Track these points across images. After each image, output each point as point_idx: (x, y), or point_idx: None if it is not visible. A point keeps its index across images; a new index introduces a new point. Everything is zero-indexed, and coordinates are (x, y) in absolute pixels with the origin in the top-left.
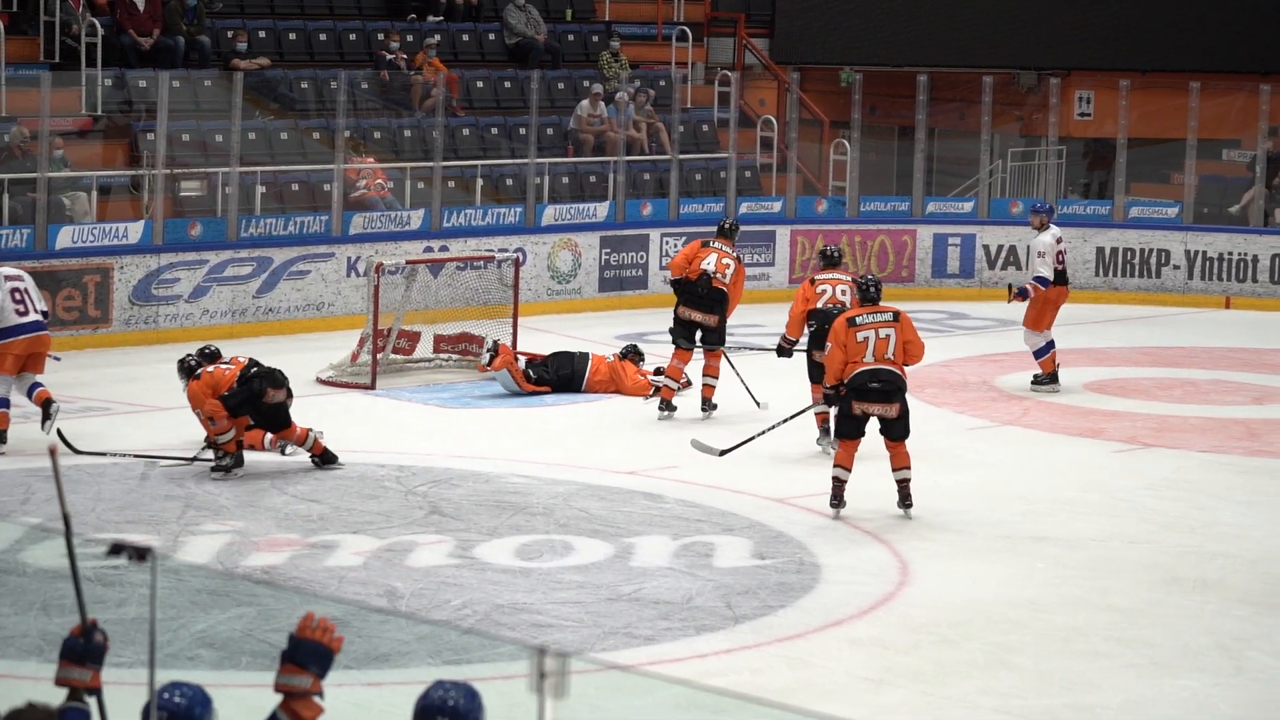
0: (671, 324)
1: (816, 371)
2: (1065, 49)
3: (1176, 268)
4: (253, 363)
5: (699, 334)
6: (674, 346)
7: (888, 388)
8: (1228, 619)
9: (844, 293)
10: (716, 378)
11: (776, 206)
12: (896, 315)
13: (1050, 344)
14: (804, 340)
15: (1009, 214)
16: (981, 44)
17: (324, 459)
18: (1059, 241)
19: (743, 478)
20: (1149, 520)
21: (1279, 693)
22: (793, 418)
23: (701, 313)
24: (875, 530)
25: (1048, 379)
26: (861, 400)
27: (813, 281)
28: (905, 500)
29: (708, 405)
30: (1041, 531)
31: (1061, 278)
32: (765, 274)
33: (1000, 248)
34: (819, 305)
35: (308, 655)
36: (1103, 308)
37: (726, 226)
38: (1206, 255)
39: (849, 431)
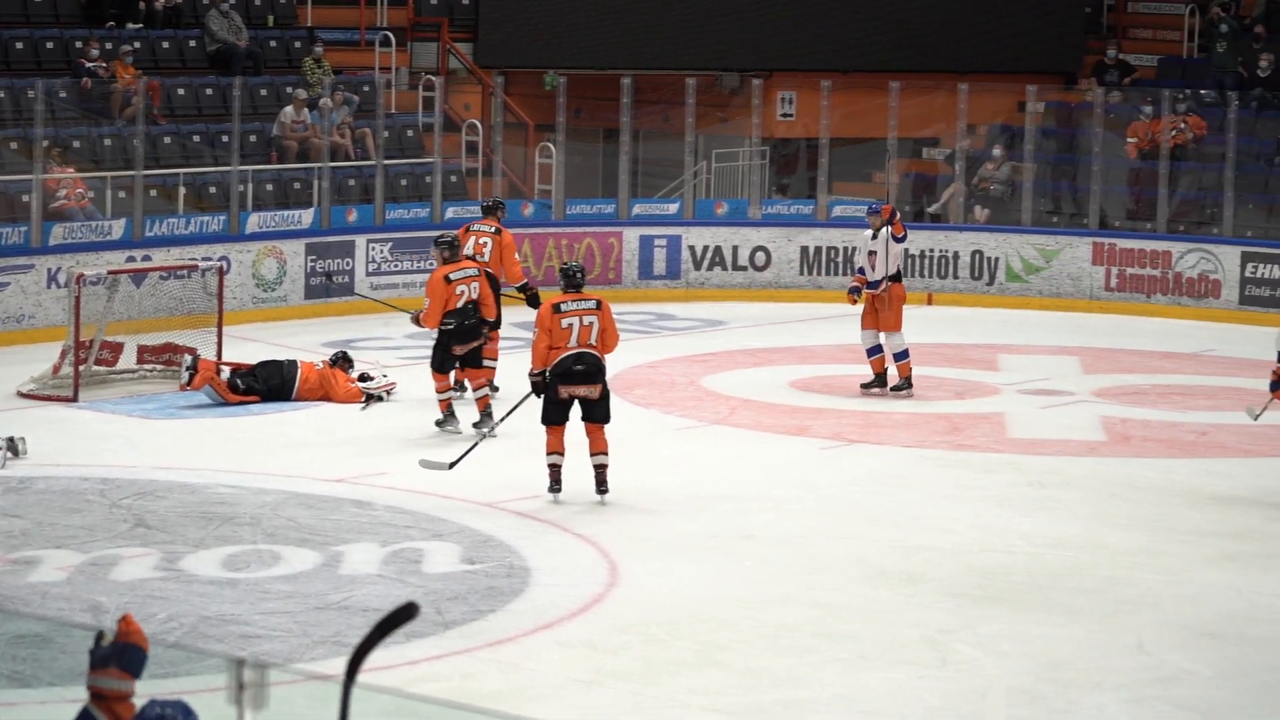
0: None
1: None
2: (767, 51)
3: None
4: None
5: None
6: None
7: (591, 369)
8: (933, 611)
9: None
10: (493, 359)
11: None
12: (599, 303)
13: (879, 347)
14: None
15: (714, 215)
16: (684, 46)
17: None
18: (901, 241)
19: (452, 483)
20: (855, 516)
21: (982, 682)
22: (508, 416)
23: None
24: (585, 532)
25: (878, 381)
26: (567, 383)
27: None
28: (602, 486)
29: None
30: (749, 529)
31: (897, 275)
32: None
33: (706, 249)
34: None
35: (132, 660)
36: (808, 306)
37: (488, 204)
38: (909, 252)
39: (556, 417)
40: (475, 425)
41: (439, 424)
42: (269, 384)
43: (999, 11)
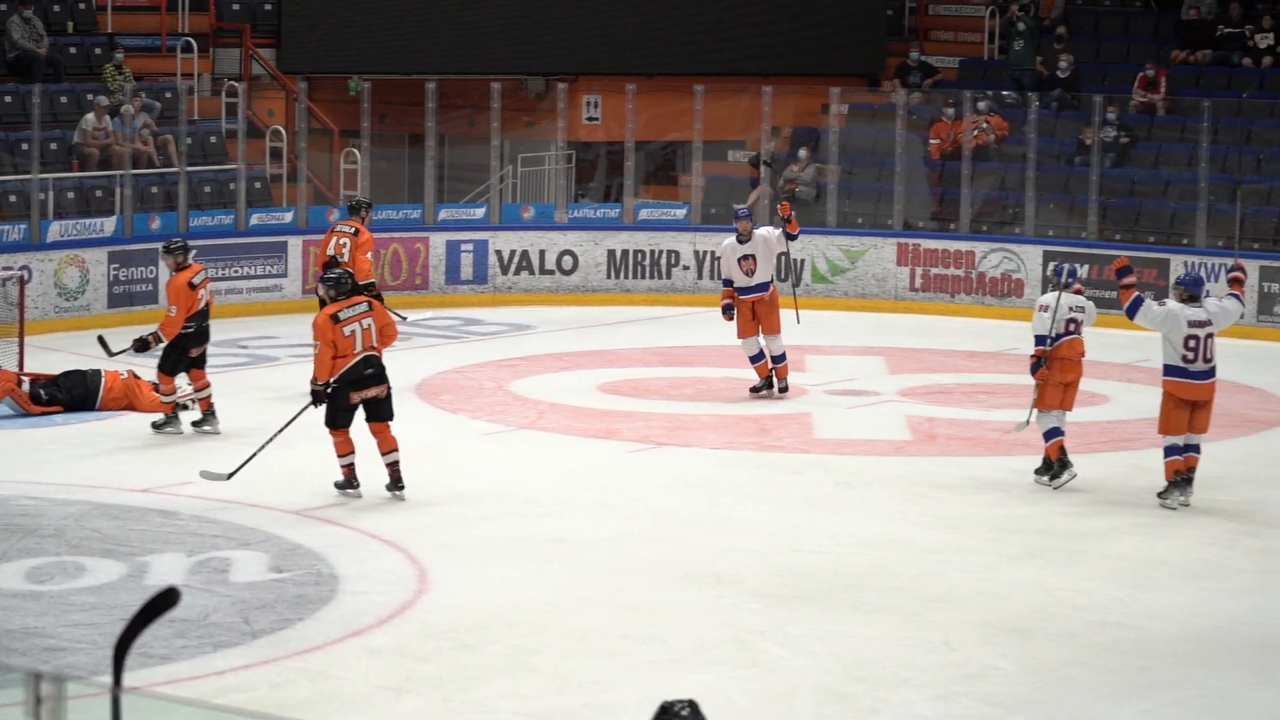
0: None
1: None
2: (572, 55)
3: (686, 268)
4: None
5: None
6: None
7: (379, 370)
8: (741, 612)
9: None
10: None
11: (288, 217)
12: (370, 304)
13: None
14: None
15: (520, 219)
16: (489, 51)
17: None
18: (794, 239)
19: (260, 491)
20: (663, 518)
21: (791, 682)
22: (286, 427)
23: None
24: (393, 539)
25: (767, 384)
26: (360, 388)
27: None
28: (397, 483)
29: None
30: (558, 533)
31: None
32: (278, 285)
33: (513, 253)
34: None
35: None
36: (615, 309)
37: (351, 204)
38: (715, 255)
39: (345, 420)
40: (195, 424)
41: (156, 426)
42: (73, 394)
43: (802, 14)
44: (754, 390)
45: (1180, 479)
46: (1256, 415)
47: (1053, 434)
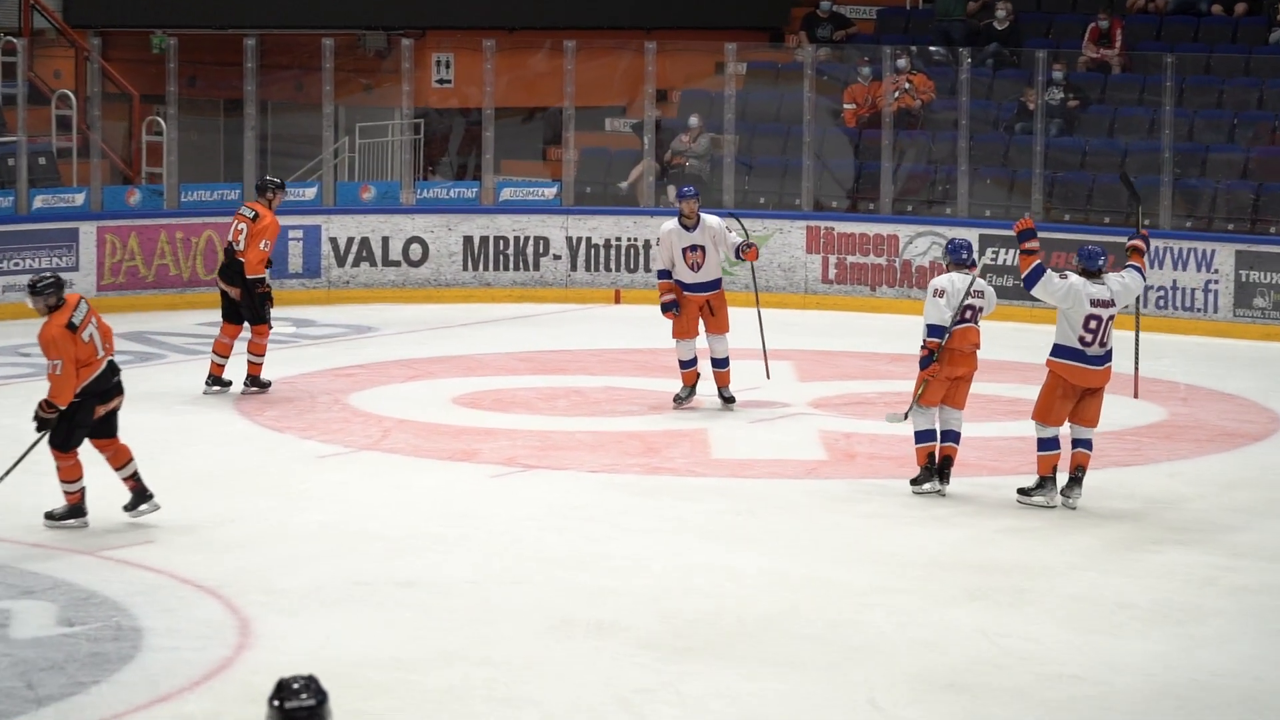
0: None
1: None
2: (418, 6)
3: (557, 257)
4: None
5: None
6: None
7: (118, 374)
8: (627, 667)
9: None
10: (259, 355)
11: (79, 199)
12: (82, 299)
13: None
14: None
15: (359, 201)
16: (320, 1)
17: None
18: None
19: (43, 531)
20: (533, 555)
21: None
22: (16, 465)
23: (225, 283)
24: (208, 584)
25: (691, 393)
26: (107, 400)
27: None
28: (144, 495)
29: (252, 382)
30: (407, 575)
31: None
32: (68, 280)
33: (350, 241)
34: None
35: None
36: (473, 307)
37: (258, 183)
38: (592, 242)
39: (80, 441)
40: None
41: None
42: None
43: None
44: (679, 400)
45: (1072, 477)
46: (1234, 428)
47: (924, 437)
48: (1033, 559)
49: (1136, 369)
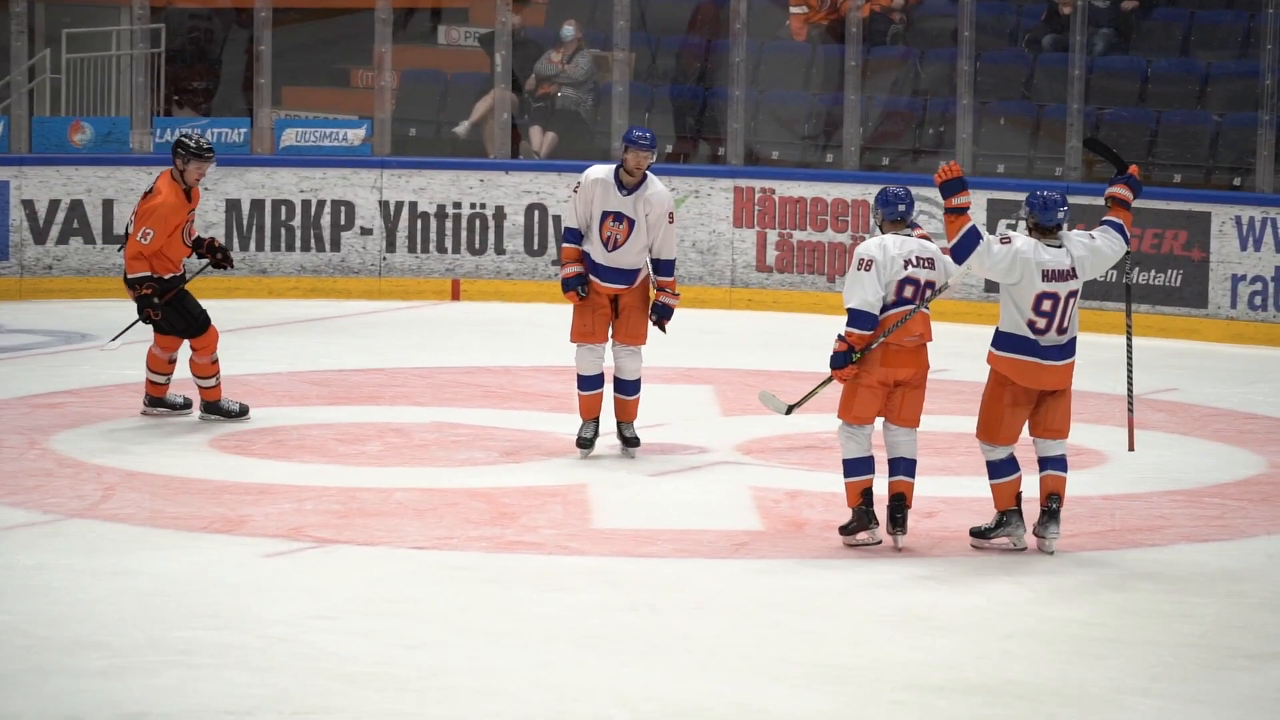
0: None
1: None
2: None
3: (366, 231)
4: None
5: None
6: None
7: None
8: None
9: None
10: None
11: None
12: None
13: None
14: None
15: (70, 145)
16: None
17: None
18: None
19: None
20: (325, 672)
21: None
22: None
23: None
24: None
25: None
26: None
27: None
28: None
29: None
30: (137, 706)
31: None
32: None
33: (56, 205)
34: None
35: None
36: (241, 304)
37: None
38: (418, 209)
39: None
40: None
41: None
42: None
43: None
44: (584, 445)
45: (1045, 510)
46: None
47: (855, 468)
48: (1060, 677)
49: (1130, 405)
